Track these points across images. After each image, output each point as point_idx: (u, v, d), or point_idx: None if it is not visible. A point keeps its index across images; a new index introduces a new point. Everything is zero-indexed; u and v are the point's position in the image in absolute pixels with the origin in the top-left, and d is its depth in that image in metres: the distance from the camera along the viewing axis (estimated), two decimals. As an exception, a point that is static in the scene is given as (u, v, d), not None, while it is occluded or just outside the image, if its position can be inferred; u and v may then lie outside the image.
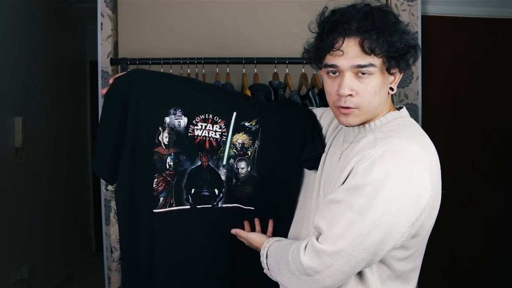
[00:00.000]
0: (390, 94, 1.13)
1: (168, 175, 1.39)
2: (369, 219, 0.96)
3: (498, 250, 2.62)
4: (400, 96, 2.32)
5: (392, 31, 1.05)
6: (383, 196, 0.97)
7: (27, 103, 3.07)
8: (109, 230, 2.00)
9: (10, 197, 2.79)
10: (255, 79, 1.95)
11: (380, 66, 1.06)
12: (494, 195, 2.61)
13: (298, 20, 2.30)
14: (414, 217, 1.00)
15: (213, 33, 2.26)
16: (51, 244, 3.44)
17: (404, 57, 1.07)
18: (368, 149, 1.03)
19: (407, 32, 1.08)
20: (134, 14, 2.28)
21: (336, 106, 1.11)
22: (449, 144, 2.53)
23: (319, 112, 1.45)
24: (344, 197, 1.00)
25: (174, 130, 1.39)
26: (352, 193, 0.99)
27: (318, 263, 0.98)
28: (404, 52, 1.07)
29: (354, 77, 1.06)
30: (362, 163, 1.01)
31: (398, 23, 1.08)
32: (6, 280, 2.74)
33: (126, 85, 1.38)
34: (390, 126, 1.10)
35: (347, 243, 0.97)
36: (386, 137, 1.04)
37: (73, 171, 4.00)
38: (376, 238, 0.97)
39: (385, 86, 1.10)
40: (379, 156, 1.00)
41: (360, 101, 1.08)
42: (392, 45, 1.04)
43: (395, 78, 1.12)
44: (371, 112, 1.11)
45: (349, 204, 0.99)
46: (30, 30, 3.14)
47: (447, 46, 2.53)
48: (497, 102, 2.60)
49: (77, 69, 4.19)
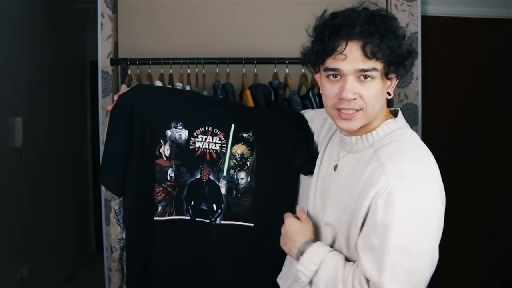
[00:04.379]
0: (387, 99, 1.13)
1: (169, 186, 1.43)
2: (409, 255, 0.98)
3: (499, 251, 2.62)
4: (400, 96, 2.32)
5: (393, 36, 1.05)
6: (411, 228, 0.98)
7: (28, 103, 3.07)
8: (109, 230, 2.00)
9: (10, 197, 2.79)
10: (255, 79, 1.95)
11: (381, 71, 1.06)
12: (494, 195, 2.61)
13: (298, 20, 2.29)
14: (439, 235, 1.03)
15: (213, 33, 2.27)
16: (51, 244, 3.44)
17: (403, 62, 1.08)
18: (378, 180, 1.01)
19: (405, 37, 1.09)
20: (134, 14, 2.28)
21: (336, 109, 1.10)
22: (449, 144, 2.53)
23: (310, 115, 1.44)
24: (377, 240, 0.99)
25: (175, 143, 1.44)
26: (381, 234, 0.98)
27: None
28: (404, 57, 1.07)
29: (356, 81, 1.06)
30: (380, 198, 0.99)
31: (398, 28, 1.08)
32: (6, 280, 2.74)
33: (130, 102, 1.44)
34: (390, 139, 1.10)
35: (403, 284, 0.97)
36: (392, 160, 1.03)
37: (73, 171, 4.00)
38: (423, 269, 0.99)
39: (384, 90, 1.10)
40: (394, 186, 0.99)
41: (364, 104, 1.07)
42: (394, 50, 1.05)
43: (392, 83, 1.12)
44: (373, 116, 1.10)
45: (385, 246, 0.98)
46: (30, 30, 3.14)
47: (447, 46, 2.53)
48: (497, 102, 2.60)
49: (77, 69, 4.18)
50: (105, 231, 2.29)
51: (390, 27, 1.05)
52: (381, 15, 1.07)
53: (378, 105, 1.09)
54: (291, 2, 2.26)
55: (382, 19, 1.06)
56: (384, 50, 1.03)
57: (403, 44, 1.07)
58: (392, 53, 1.04)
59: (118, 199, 1.82)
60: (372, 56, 1.03)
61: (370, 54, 1.03)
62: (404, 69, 1.10)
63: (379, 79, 1.06)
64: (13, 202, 2.83)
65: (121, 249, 1.82)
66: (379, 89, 1.07)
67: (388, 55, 1.04)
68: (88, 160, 4.39)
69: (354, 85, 1.06)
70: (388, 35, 1.04)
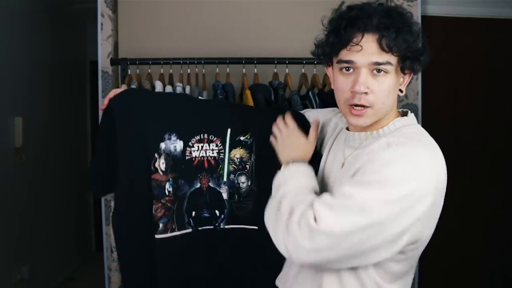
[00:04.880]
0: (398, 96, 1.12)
1: (168, 201, 1.37)
2: (369, 216, 0.94)
3: (499, 252, 2.62)
4: (400, 96, 2.32)
5: (409, 30, 1.05)
6: (387, 196, 0.95)
7: (28, 103, 3.07)
8: (109, 230, 2.00)
9: (10, 197, 2.79)
10: (255, 79, 1.95)
11: (395, 66, 1.05)
12: (494, 195, 2.61)
13: (298, 20, 2.31)
14: (408, 222, 0.96)
15: (213, 33, 2.26)
16: (51, 244, 3.44)
17: (418, 58, 1.07)
18: (380, 151, 1.02)
19: (421, 34, 1.08)
20: (134, 14, 2.28)
21: (348, 105, 1.08)
22: (449, 145, 2.51)
23: (314, 114, 1.43)
24: (352, 190, 0.98)
25: (170, 155, 1.37)
26: (359, 188, 0.97)
27: None
28: (420, 53, 1.07)
29: (370, 75, 1.05)
30: (371, 162, 1.00)
31: (414, 24, 1.07)
32: (6, 280, 2.74)
33: (119, 108, 1.36)
34: (402, 132, 1.09)
35: (343, 234, 0.94)
36: (401, 143, 1.02)
37: (73, 171, 3.99)
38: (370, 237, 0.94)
39: (397, 87, 1.09)
40: (390, 159, 0.99)
41: (375, 100, 1.05)
42: (409, 45, 1.04)
43: (405, 79, 1.11)
44: (383, 113, 1.09)
45: (353, 198, 0.96)
46: (30, 30, 3.14)
47: (447, 46, 2.53)
48: (497, 102, 2.60)
49: (77, 69, 4.18)
50: (105, 231, 2.29)
51: (406, 22, 1.05)
52: (397, 10, 1.07)
53: (389, 102, 1.08)
54: (291, 2, 2.26)
55: (398, 14, 1.05)
56: (400, 44, 1.02)
57: (418, 39, 1.06)
58: (408, 47, 1.04)
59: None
60: (388, 50, 1.02)
61: (386, 48, 1.02)
62: (419, 65, 1.09)
63: (393, 74, 1.05)
64: (13, 202, 2.83)
65: (121, 249, 1.82)
66: (392, 85, 1.06)
67: (404, 49, 1.03)
68: (88, 160, 4.38)
69: (367, 78, 1.04)
70: (405, 29, 1.03)
